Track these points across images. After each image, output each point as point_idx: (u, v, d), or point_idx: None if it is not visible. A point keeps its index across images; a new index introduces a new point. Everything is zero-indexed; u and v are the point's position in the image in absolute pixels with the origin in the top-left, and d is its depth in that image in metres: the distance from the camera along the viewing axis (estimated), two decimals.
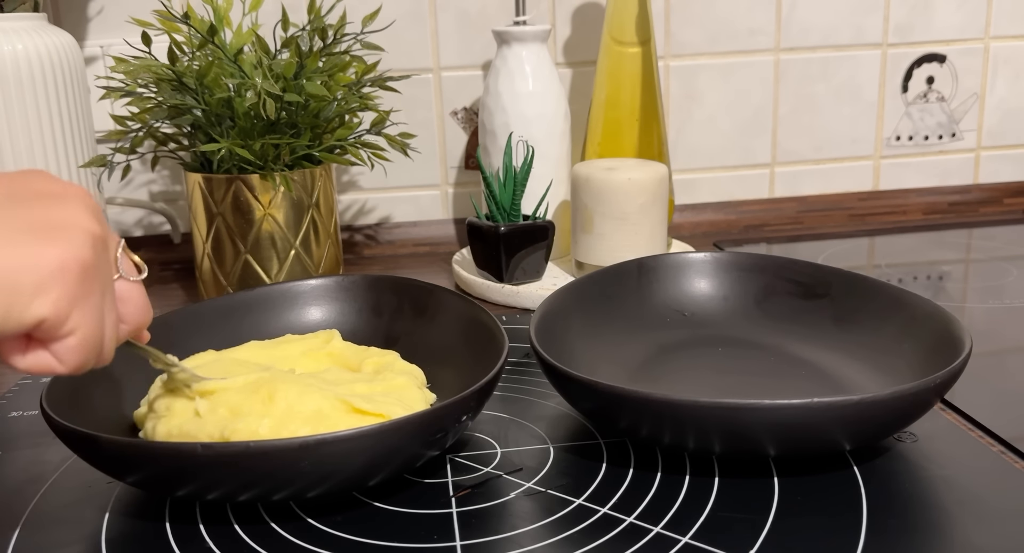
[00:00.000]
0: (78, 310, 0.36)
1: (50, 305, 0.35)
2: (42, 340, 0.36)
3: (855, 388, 0.57)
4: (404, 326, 0.63)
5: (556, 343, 0.56)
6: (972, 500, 0.47)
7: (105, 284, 0.39)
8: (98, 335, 0.38)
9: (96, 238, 0.37)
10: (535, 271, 0.80)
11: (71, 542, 0.45)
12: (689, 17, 0.98)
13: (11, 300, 0.34)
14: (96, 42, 0.91)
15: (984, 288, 0.80)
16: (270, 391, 0.48)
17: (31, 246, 0.35)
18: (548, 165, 0.85)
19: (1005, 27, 1.04)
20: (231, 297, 0.64)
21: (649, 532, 0.44)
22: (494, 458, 0.52)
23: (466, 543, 0.44)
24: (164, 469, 0.44)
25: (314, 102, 0.76)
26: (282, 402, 0.47)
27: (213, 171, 0.77)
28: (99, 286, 0.38)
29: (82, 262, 0.36)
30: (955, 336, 0.53)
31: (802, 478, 0.49)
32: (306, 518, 0.47)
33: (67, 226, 0.36)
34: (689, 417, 0.46)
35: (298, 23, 0.81)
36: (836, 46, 1.01)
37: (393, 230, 1.00)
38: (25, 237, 0.35)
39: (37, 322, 0.35)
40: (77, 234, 0.36)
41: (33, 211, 0.36)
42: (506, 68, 0.84)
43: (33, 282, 0.34)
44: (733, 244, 0.97)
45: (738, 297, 0.67)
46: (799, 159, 1.05)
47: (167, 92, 0.74)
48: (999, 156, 1.08)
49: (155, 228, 0.97)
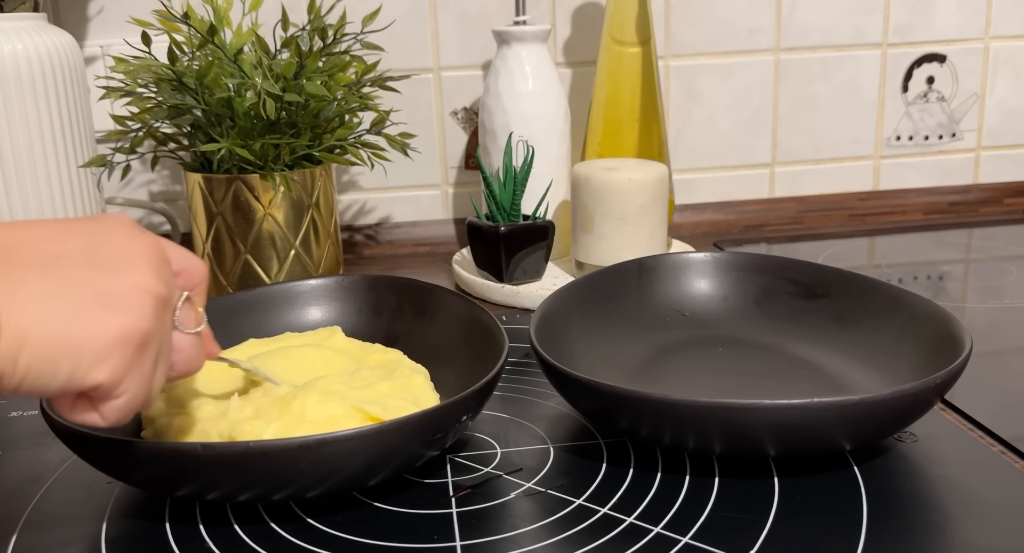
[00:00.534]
0: (131, 377, 0.38)
1: (108, 372, 0.37)
2: (92, 399, 0.38)
3: (855, 388, 0.57)
4: (404, 326, 0.63)
5: (556, 343, 0.56)
6: (972, 500, 0.47)
7: (162, 345, 0.40)
8: (145, 396, 0.39)
9: (159, 300, 0.39)
10: (535, 271, 0.80)
11: (71, 542, 0.45)
12: (689, 17, 0.98)
13: (75, 364, 0.36)
14: (96, 42, 0.91)
15: (984, 288, 0.80)
16: (291, 397, 0.49)
17: (97, 314, 0.36)
18: (548, 165, 0.85)
19: (1005, 27, 1.04)
20: (231, 297, 0.64)
21: (649, 532, 0.44)
22: (494, 458, 0.52)
23: (466, 543, 0.44)
24: (164, 469, 0.44)
25: (314, 102, 0.76)
26: (298, 409, 0.48)
27: (213, 171, 0.77)
28: (154, 352, 0.39)
29: (143, 332, 0.37)
30: (955, 336, 0.53)
31: (802, 478, 0.49)
32: (306, 518, 0.47)
33: (132, 294, 0.38)
34: (689, 417, 0.46)
35: (298, 23, 0.81)
36: (836, 46, 1.01)
37: (393, 230, 1.00)
38: (92, 305, 0.36)
39: (95, 386, 0.37)
40: (141, 301, 0.38)
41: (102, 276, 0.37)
42: (506, 68, 0.84)
43: (96, 350, 0.36)
44: (733, 244, 0.97)
45: (738, 297, 0.67)
46: (799, 159, 1.04)
47: (167, 92, 0.74)
48: (999, 156, 1.08)
49: (155, 228, 0.97)
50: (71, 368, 0.36)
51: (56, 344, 0.35)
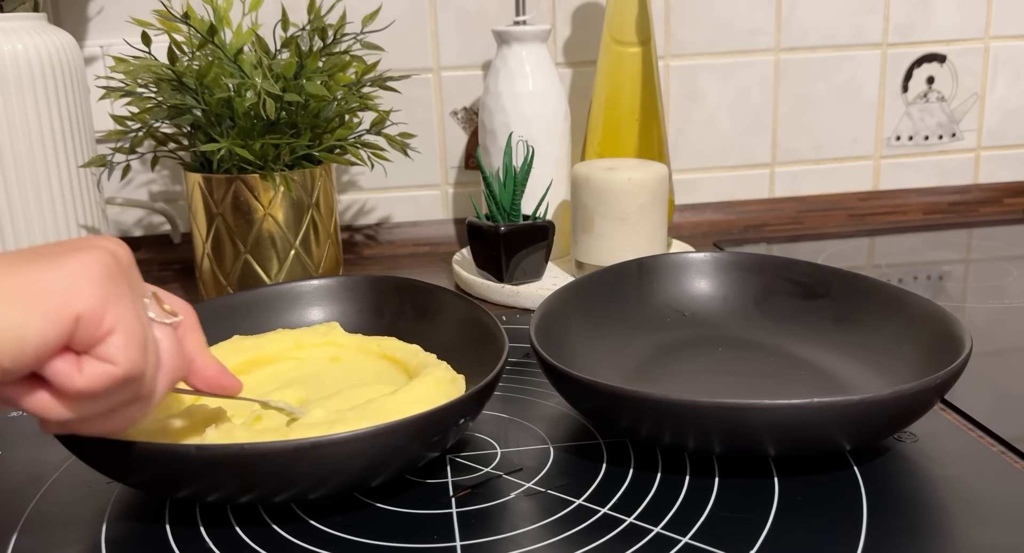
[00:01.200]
0: (111, 306, 0.37)
1: (83, 301, 0.36)
2: (87, 348, 0.37)
3: (855, 388, 0.57)
4: (405, 326, 0.63)
5: (556, 343, 0.56)
6: (972, 500, 0.47)
7: (135, 291, 0.39)
8: (142, 333, 0.38)
9: (121, 258, 0.38)
10: (535, 271, 0.80)
11: (71, 542, 0.45)
12: (689, 17, 0.98)
13: (45, 305, 0.35)
14: (96, 42, 0.91)
15: (984, 288, 0.80)
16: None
17: (53, 260, 0.36)
18: (548, 165, 0.85)
19: (1005, 27, 1.04)
20: (233, 297, 0.64)
21: (649, 532, 0.44)
22: (494, 458, 0.52)
23: (466, 543, 0.44)
24: (159, 470, 0.44)
25: (314, 102, 0.76)
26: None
27: (213, 171, 0.77)
28: (128, 291, 0.38)
29: (104, 264, 0.37)
30: (955, 336, 0.53)
31: (802, 478, 0.49)
32: (306, 519, 0.47)
33: (87, 247, 0.38)
34: (689, 417, 0.46)
35: (298, 23, 0.81)
36: (836, 46, 1.01)
37: (393, 230, 1.00)
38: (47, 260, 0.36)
39: (74, 320, 0.36)
40: (99, 249, 0.38)
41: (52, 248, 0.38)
42: (506, 68, 0.84)
43: (61, 286, 0.36)
44: (733, 244, 0.97)
45: (738, 297, 0.67)
46: (799, 159, 1.04)
47: (167, 92, 0.74)
48: (999, 156, 1.08)
49: (155, 228, 0.97)
50: (43, 311, 0.35)
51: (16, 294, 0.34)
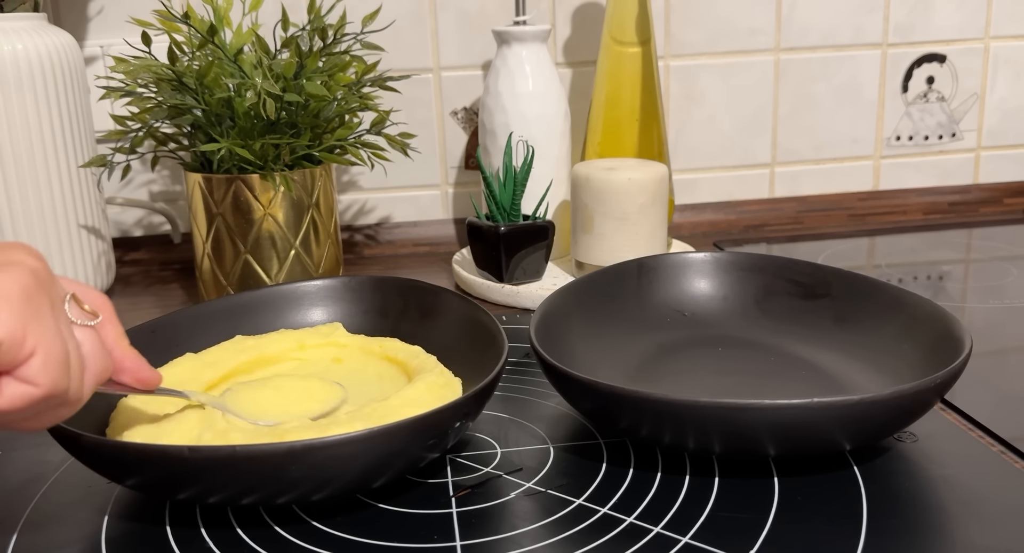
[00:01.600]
0: (32, 329, 0.36)
1: (2, 327, 0.35)
2: (8, 370, 0.36)
3: (855, 388, 0.57)
4: (407, 327, 0.63)
5: (556, 343, 0.56)
6: (972, 500, 0.47)
7: (56, 307, 0.38)
8: (62, 352, 0.37)
9: (37, 271, 0.38)
10: (535, 271, 0.80)
11: (71, 542, 0.45)
12: (689, 17, 0.98)
13: None
14: (96, 42, 0.91)
15: (984, 288, 0.80)
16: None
17: None
18: (548, 165, 0.85)
19: (1005, 27, 1.04)
20: (234, 298, 0.64)
21: (649, 532, 0.44)
22: (494, 458, 0.52)
23: (466, 543, 0.44)
24: (153, 472, 0.44)
25: (314, 102, 0.76)
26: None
27: (213, 171, 0.77)
28: (48, 308, 0.37)
29: (22, 285, 0.36)
30: (955, 336, 0.53)
31: (802, 478, 0.49)
32: (307, 519, 0.47)
33: (2, 267, 0.37)
34: (689, 417, 0.46)
35: (298, 23, 0.81)
36: (836, 46, 1.01)
37: (393, 230, 1.00)
38: None
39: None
40: (15, 267, 0.37)
41: None
42: (506, 68, 0.84)
43: None
44: (733, 244, 0.97)
45: (738, 297, 0.67)
46: (799, 159, 1.04)
47: (167, 92, 0.74)
48: (999, 156, 1.08)
49: (155, 228, 0.97)
50: None
51: None
